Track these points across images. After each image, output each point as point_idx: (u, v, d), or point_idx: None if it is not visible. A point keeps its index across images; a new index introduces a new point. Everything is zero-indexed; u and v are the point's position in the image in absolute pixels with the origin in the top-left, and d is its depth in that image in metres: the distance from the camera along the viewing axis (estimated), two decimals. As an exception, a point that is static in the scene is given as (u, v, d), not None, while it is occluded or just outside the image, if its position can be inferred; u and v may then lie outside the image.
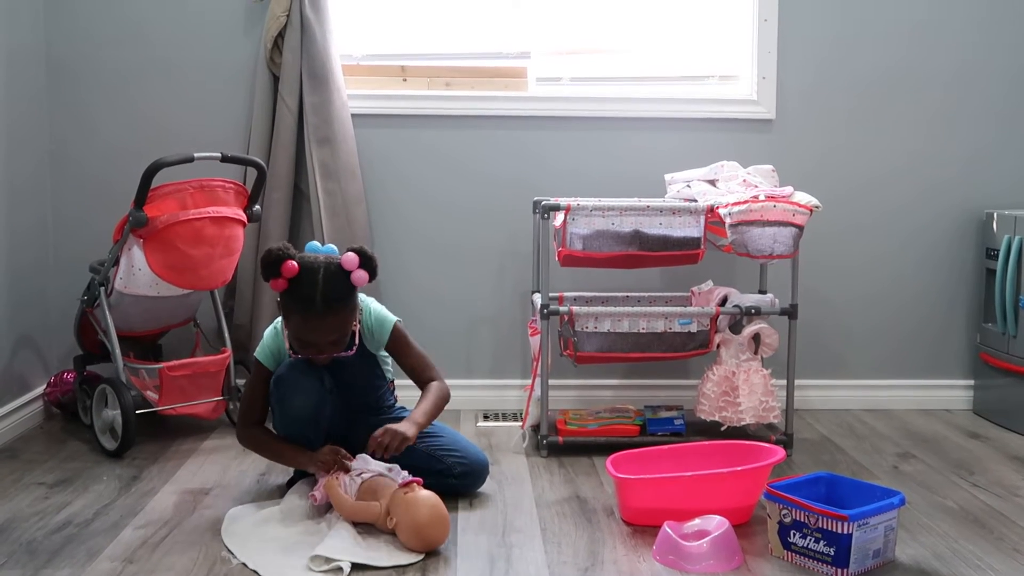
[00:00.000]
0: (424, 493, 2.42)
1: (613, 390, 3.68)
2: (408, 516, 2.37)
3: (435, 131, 3.65)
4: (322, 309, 2.52)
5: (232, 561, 2.30)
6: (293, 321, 2.57)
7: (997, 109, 3.71)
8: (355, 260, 2.55)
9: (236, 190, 3.18)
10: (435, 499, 2.41)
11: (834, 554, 2.23)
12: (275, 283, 2.53)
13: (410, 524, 2.36)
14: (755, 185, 3.18)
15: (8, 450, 3.14)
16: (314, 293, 2.51)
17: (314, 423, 2.65)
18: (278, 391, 2.62)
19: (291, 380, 2.62)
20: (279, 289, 2.55)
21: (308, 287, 2.52)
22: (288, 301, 2.56)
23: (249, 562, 2.29)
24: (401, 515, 2.37)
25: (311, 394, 2.62)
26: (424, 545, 2.34)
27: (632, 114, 3.66)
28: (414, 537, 2.35)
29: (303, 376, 2.62)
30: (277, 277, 2.52)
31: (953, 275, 3.76)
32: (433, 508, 2.38)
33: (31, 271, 3.45)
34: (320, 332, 2.57)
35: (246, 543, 2.40)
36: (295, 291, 2.53)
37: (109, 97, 3.57)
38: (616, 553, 2.38)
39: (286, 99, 3.45)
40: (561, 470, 3.01)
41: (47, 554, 2.34)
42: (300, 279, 2.52)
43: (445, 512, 2.40)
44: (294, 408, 2.61)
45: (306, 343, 2.59)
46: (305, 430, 2.65)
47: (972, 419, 3.64)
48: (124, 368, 3.12)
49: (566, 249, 3.08)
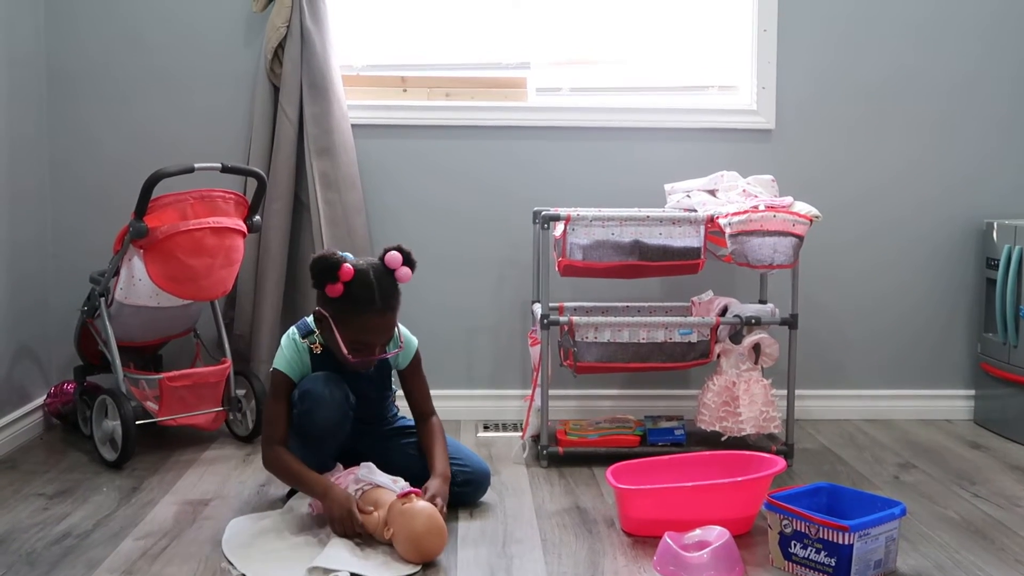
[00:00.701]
0: (421, 504, 2.41)
1: (613, 400, 3.68)
2: (405, 527, 2.36)
3: (435, 141, 3.65)
4: (381, 306, 2.57)
5: (232, 573, 2.30)
6: (351, 324, 2.57)
7: (997, 119, 3.72)
8: (399, 258, 2.61)
9: (236, 200, 3.19)
10: (432, 510, 2.40)
11: (835, 565, 2.23)
12: (332, 288, 2.54)
13: (407, 535, 2.35)
14: (755, 195, 3.18)
15: (8, 461, 3.13)
16: (372, 294, 2.55)
17: (334, 437, 2.65)
18: (303, 403, 2.60)
19: (318, 393, 2.59)
20: (336, 294, 2.55)
21: (365, 289, 2.55)
22: (344, 305, 2.56)
23: (248, 573, 2.29)
24: (398, 526, 2.36)
25: (336, 408, 2.61)
26: (420, 556, 2.33)
27: (632, 124, 3.66)
28: (410, 548, 2.33)
29: (330, 389, 2.60)
30: (334, 282, 2.53)
31: (953, 285, 3.76)
32: (430, 519, 2.37)
33: (31, 282, 3.45)
34: (379, 332, 2.61)
35: (246, 554, 2.39)
36: (351, 295, 2.55)
37: (110, 108, 3.58)
38: (616, 564, 2.38)
39: (286, 110, 3.46)
40: (561, 480, 3.00)
41: (47, 565, 2.34)
42: (354, 283, 2.55)
43: (442, 523, 2.39)
44: (319, 420, 2.59)
45: (364, 345, 2.60)
46: (324, 444, 2.64)
47: (973, 429, 3.64)
48: (124, 379, 3.12)
49: (566, 259, 3.08)
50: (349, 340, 2.59)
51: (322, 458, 2.66)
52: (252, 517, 2.64)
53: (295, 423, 2.63)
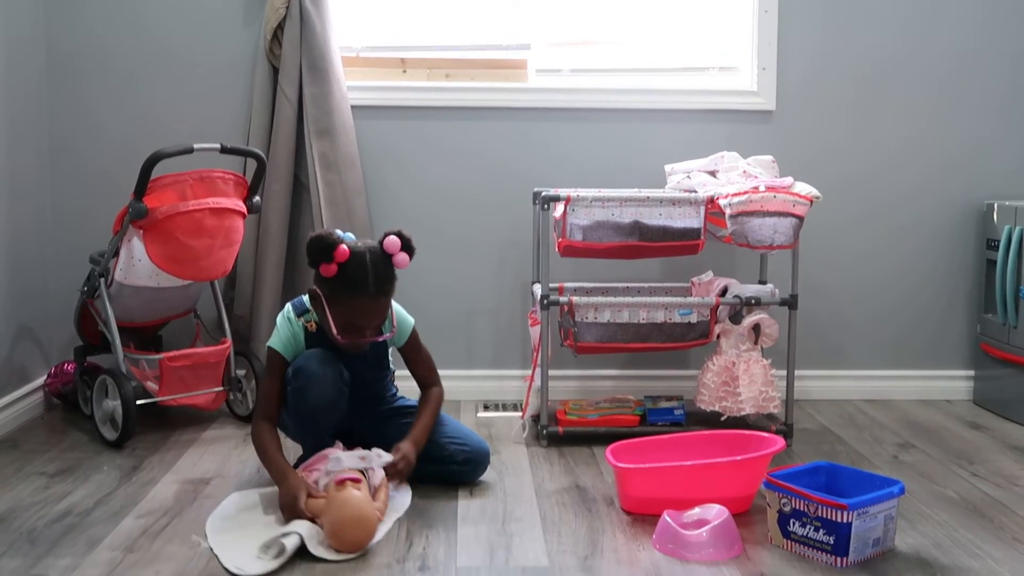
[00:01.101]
0: (352, 493, 2.35)
1: (613, 380, 3.69)
2: (329, 515, 2.31)
3: (435, 122, 3.65)
4: (374, 290, 2.57)
5: (201, 544, 2.33)
6: (343, 305, 2.58)
7: (997, 98, 3.71)
8: (397, 243, 2.60)
9: (236, 181, 3.18)
10: (360, 500, 2.33)
11: (834, 543, 2.24)
12: (326, 268, 2.54)
13: (329, 523, 2.30)
14: (755, 176, 3.18)
15: (9, 440, 3.14)
16: (366, 276, 2.55)
17: (329, 415, 2.65)
18: (297, 380, 2.61)
19: (311, 371, 2.60)
20: (330, 274, 2.55)
21: (359, 271, 2.55)
22: (337, 287, 2.57)
23: (215, 546, 2.31)
24: (326, 513, 2.32)
25: (330, 386, 2.62)
26: (341, 544, 2.27)
27: (632, 105, 3.66)
28: (332, 535, 2.29)
29: (324, 367, 2.61)
30: (329, 262, 2.53)
31: (953, 265, 3.76)
32: (354, 509, 2.31)
33: (31, 262, 3.46)
34: (370, 315, 2.61)
35: (222, 527, 2.42)
36: (345, 276, 2.55)
37: (109, 88, 3.57)
38: (616, 542, 2.39)
39: (286, 90, 3.45)
40: (561, 460, 3.01)
41: (48, 543, 2.35)
42: (349, 264, 2.55)
43: (367, 514, 2.32)
44: (312, 398, 2.60)
45: (354, 327, 2.61)
46: (319, 422, 2.65)
47: (972, 409, 3.65)
48: (124, 359, 3.12)
49: (566, 240, 3.08)
50: (340, 321, 2.59)
51: (318, 436, 2.67)
52: (248, 493, 2.66)
53: (289, 401, 2.64)
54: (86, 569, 2.20)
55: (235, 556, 2.25)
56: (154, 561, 2.25)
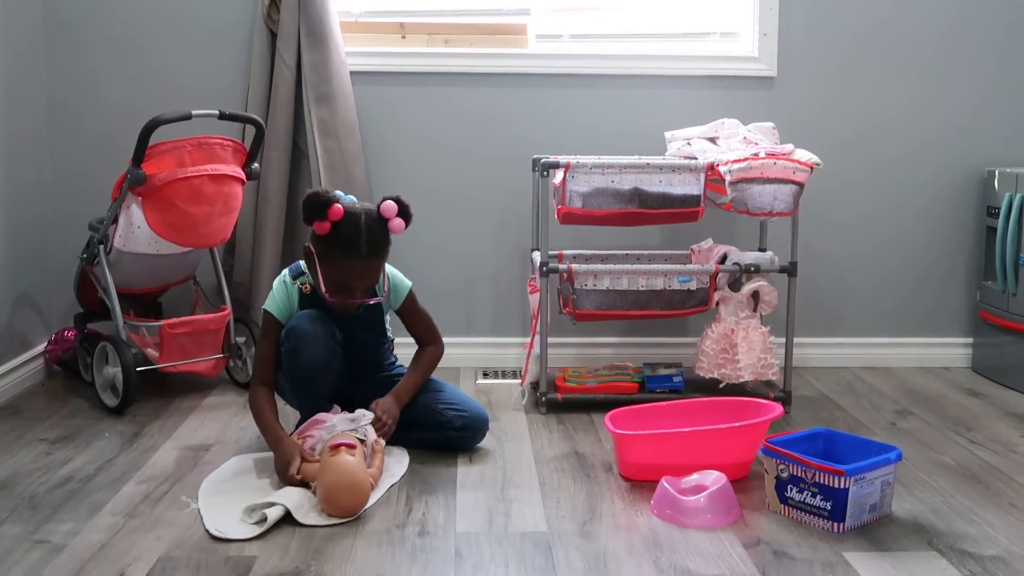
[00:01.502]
0: (345, 458, 2.35)
1: (612, 348, 3.69)
2: (323, 480, 2.32)
3: (434, 88, 3.63)
4: (366, 252, 2.58)
5: (190, 505, 2.35)
6: (333, 265, 2.59)
7: (996, 63, 3.69)
8: (394, 208, 2.60)
9: (234, 148, 3.17)
10: (353, 466, 2.34)
11: (830, 508, 2.25)
12: (319, 226, 2.55)
13: (323, 488, 2.31)
14: (755, 143, 3.17)
15: (10, 407, 3.15)
16: (358, 238, 2.56)
17: (323, 376, 2.66)
18: (289, 341, 2.62)
19: (303, 330, 2.61)
20: (323, 232, 2.56)
21: (352, 231, 2.56)
22: (329, 245, 2.58)
23: (202, 507, 2.33)
24: (320, 477, 2.33)
25: (322, 346, 2.62)
26: (334, 509, 2.29)
27: (632, 71, 3.64)
28: (325, 500, 2.30)
29: (315, 326, 2.62)
30: (322, 220, 2.54)
31: (953, 232, 3.75)
32: (348, 474, 2.32)
33: (31, 225, 3.45)
34: (360, 277, 2.62)
35: (214, 489, 2.44)
36: (338, 235, 2.56)
37: (107, 50, 3.54)
38: (614, 508, 2.40)
39: (284, 57, 3.43)
40: (560, 427, 3.02)
41: (49, 509, 2.36)
42: (343, 224, 2.56)
43: (360, 479, 2.33)
44: (305, 358, 2.61)
45: (343, 288, 2.62)
46: (314, 383, 2.66)
47: (971, 377, 3.66)
48: (124, 326, 3.13)
49: (565, 207, 3.07)
50: (330, 281, 2.61)
51: (315, 399, 2.68)
52: (244, 457, 2.68)
53: (283, 363, 2.66)
54: (88, 534, 2.22)
55: (218, 518, 2.28)
56: (155, 526, 2.26)
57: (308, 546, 2.17)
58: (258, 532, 2.21)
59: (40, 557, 2.11)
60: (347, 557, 2.12)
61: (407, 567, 2.09)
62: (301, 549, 2.16)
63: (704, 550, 2.17)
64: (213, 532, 2.21)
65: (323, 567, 2.08)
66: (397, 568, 2.08)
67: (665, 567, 2.09)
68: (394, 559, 2.12)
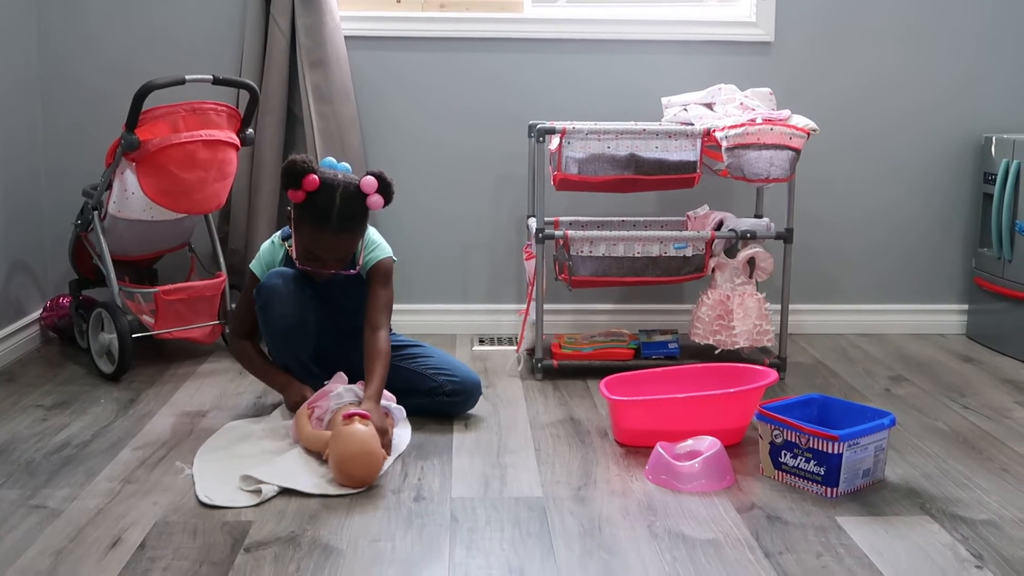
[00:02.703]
0: (358, 427, 2.31)
1: (608, 314, 3.69)
2: (335, 449, 2.30)
3: (429, 54, 3.60)
4: (336, 226, 2.57)
5: (185, 471, 2.36)
6: (305, 233, 2.59)
7: (997, 29, 3.66)
8: (374, 184, 2.58)
9: (229, 113, 3.15)
10: (366, 434, 2.30)
11: (824, 473, 2.26)
12: (294, 194, 2.56)
13: (336, 456, 2.29)
14: (752, 108, 3.15)
15: (6, 373, 3.15)
16: (330, 210, 2.55)
17: (299, 333, 2.66)
18: (260, 298, 2.64)
19: (271, 286, 2.62)
20: (297, 200, 2.57)
21: (325, 203, 2.55)
22: (303, 214, 2.58)
23: (196, 473, 2.34)
24: (332, 447, 2.31)
25: (292, 302, 2.62)
26: (346, 479, 2.28)
27: (629, 36, 3.61)
28: (337, 470, 2.29)
29: (286, 284, 2.63)
30: (297, 188, 2.54)
31: (949, 199, 3.75)
32: (362, 443, 2.29)
33: (23, 188, 3.43)
34: (329, 249, 2.61)
35: (210, 457, 2.44)
36: (312, 205, 2.56)
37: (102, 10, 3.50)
38: (609, 473, 2.41)
39: (278, 21, 3.40)
40: (555, 393, 3.03)
41: (46, 474, 2.37)
42: (318, 194, 2.55)
43: (374, 449, 2.31)
44: (275, 316, 2.62)
45: (313, 256, 2.62)
46: (290, 341, 2.67)
47: (965, 343, 3.66)
48: (120, 292, 3.12)
49: (561, 173, 3.06)
50: (301, 248, 2.62)
51: (298, 359, 2.69)
52: (242, 423, 2.68)
53: (259, 321, 2.69)
54: (85, 499, 2.23)
55: (209, 484, 2.28)
56: (152, 491, 2.27)
57: (304, 511, 2.18)
58: (249, 503, 2.20)
59: (37, 522, 2.12)
60: (343, 522, 2.14)
61: (403, 532, 2.10)
62: (297, 514, 2.17)
63: (698, 515, 2.18)
64: (203, 499, 2.21)
65: (319, 532, 2.09)
66: (393, 533, 2.09)
67: (659, 531, 2.10)
68: (390, 524, 2.13)
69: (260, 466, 2.33)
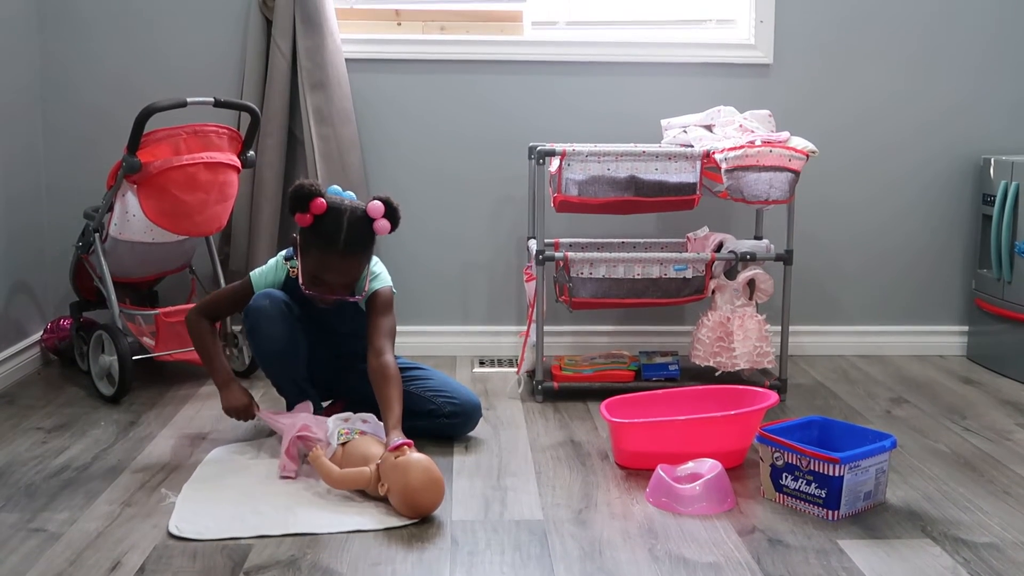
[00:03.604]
0: (416, 456, 2.29)
1: (608, 336, 3.69)
2: (400, 480, 2.25)
3: (430, 76, 3.62)
4: (343, 249, 2.56)
5: (168, 498, 2.34)
6: (311, 258, 2.59)
7: (995, 50, 3.68)
8: (381, 209, 2.58)
9: (230, 135, 3.16)
10: (428, 462, 2.29)
11: (825, 496, 2.26)
12: (301, 218, 2.56)
13: (401, 489, 2.25)
14: (752, 130, 3.16)
15: (6, 396, 3.15)
16: (338, 234, 2.55)
17: (289, 354, 2.66)
18: (247, 321, 2.65)
19: (259, 309, 2.63)
20: (304, 224, 2.57)
21: (332, 227, 2.56)
22: (310, 237, 2.58)
23: (179, 501, 2.32)
24: (392, 480, 2.26)
25: (280, 322, 2.62)
26: (415, 511, 2.25)
27: (629, 59, 3.63)
28: (405, 503, 2.25)
29: (271, 304, 2.63)
30: (304, 212, 2.55)
31: (949, 221, 3.75)
32: (427, 472, 2.27)
33: (25, 207, 3.44)
34: (335, 273, 2.60)
35: (198, 488, 2.41)
36: (319, 229, 2.56)
37: (104, 32, 3.52)
38: (610, 496, 2.41)
39: (279, 43, 3.42)
40: (556, 415, 3.03)
41: (46, 497, 2.36)
42: (325, 218, 2.56)
43: (439, 475, 2.29)
44: (264, 337, 2.63)
45: (320, 282, 2.61)
46: (281, 362, 2.67)
47: (966, 364, 3.66)
48: (120, 314, 3.13)
49: (561, 195, 3.07)
50: (308, 272, 2.61)
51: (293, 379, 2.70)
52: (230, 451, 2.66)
53: (250, 343, 2.72)
54: (84, 522, 2.22)
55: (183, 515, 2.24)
56: (152, 514, 2.27)
57: (303, 535, 2.18)
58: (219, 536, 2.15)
59: (36, 545, 2.12)
60: (342, 546, 2.13)
61: (403, 555, 2.09)
62: (297, 538, 2.16)
63: (699, 538, 2.18)
64: (171, 528, 2.18)
65: (319, 556, 2.08)
66: (393, 556, 2.09)
67: (660, 555, 2.10)
68: (390, 547, 2.13)
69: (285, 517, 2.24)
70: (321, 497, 2.36)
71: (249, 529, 2.19)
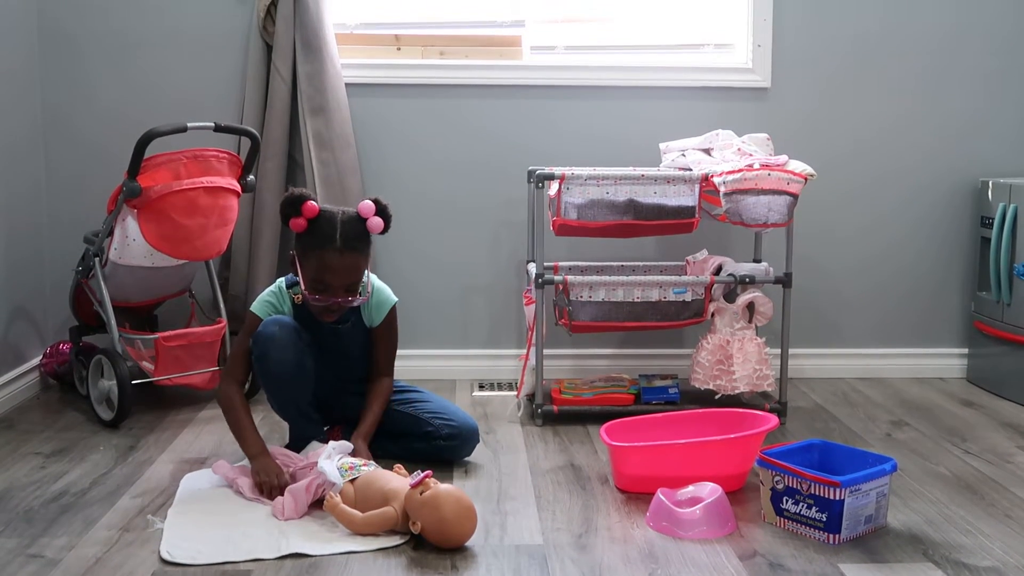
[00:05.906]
0: (444, 488, 2.26)
1: (608, 359, 3.69)
2: (433, 516, 2.21)
3: (429, 100, 3.63)
4: (341, 247, 2.58)
5: (155, 525, 2.33)
6: (311, 261, 2.61)
7: (992, 74, 3.70)
8: (371, 208, 2.63)
9: (230, 160, 3.17)
10: (457, 492, 2.27)
11: (826, 520, 2.25)
12: (295, 223, 2.59)
13: (437, 524, 2.21)
14: (750, 154, 3.17)
15: (5, 420, 3.15)
16: (334, 232, 2.59)
17: (298, 380, 2.65)
18: (256, 348, 2.63)
19: (268, 335, 2.62)
20: (299, 229, 2.60)
21: (328, 227, 2.59)
22: (307, 241, 2.61)
23: (166, 527, 2.30)
24: (424, 516, 2.21)
25: (289, 349, 2.61)
26: (454, 542, 2.22)
27: (627, 83, 3.65)
28: (443, 537, 2.21)
29: (280, 328, 2.62)
30: (297, 216, 2.57)
31: (948, 243, 3.76)
32: (458, 502, 2.24)
33: (26, 237, 3.44)
34: (337, 273, 2.61)
35: (185, 508, 2.41)
36: (314, 230, 2.59)
37: (104, 62, 3.54)
38: (610, 520, 2.40)
39: (279, 68, 3.44)
40: (556, 439, 3.02)
41: (44, 523, 2.36)
42: (319, 220, 2.59)
43: (470, 503, 2.27)
44: (274, 362, 2.61)
45: (323, 285, 2.61)
46: (290, 387, 2.66)
47: (966, 387, 3.66)
48: (120, 339, 3.12)
49: (561, 218, 3.08)
50: (309, 278, 2.62)
51: (297, 405, 2.68)
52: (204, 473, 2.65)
53: (255, 369, 2.68)
54: (83, 548, 2.22)
55: (174, 540, 2.23)
56: (150, 540, 2.26)
57: (303, 559, 2.17)
58: (212, 560, 2.15)
59: (34, 571, 2.11)
60: (342, 571, 2.12)
61: (403, 580, 2.09)
62: (296, 563, 2.15)
63: (700, 562, 2.17)
64: (162, 553, 2.17)
65: (318, 581, 2.08)
66: (393, 581, 2.08)
67: (661, 579, 2.09)
68: (389, 572, 2.12)
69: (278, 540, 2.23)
70: (311, 519, 2.36)
71: (243, 553, 2.18)
